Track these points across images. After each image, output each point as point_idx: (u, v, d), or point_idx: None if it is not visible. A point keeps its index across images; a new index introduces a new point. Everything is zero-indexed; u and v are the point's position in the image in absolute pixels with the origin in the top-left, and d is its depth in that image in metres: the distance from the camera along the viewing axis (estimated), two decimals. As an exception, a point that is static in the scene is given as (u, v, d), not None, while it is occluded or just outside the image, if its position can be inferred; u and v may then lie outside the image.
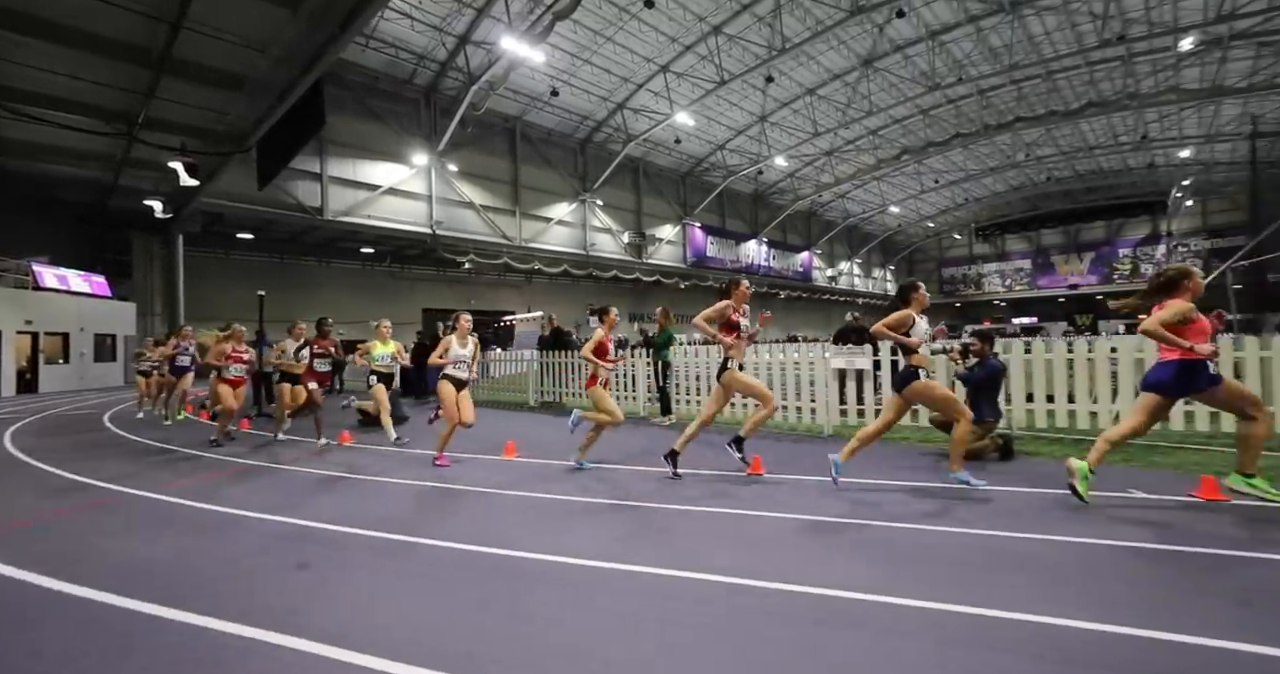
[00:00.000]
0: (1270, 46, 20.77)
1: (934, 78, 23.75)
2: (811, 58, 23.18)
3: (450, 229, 20.19)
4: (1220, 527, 3.07)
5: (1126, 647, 1.95)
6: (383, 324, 6.19)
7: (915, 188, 36.84)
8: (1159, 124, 29.05)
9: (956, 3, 20.32)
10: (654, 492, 4.36)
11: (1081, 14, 20.04)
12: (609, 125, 24.67)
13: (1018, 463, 4.75)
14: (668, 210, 29.97)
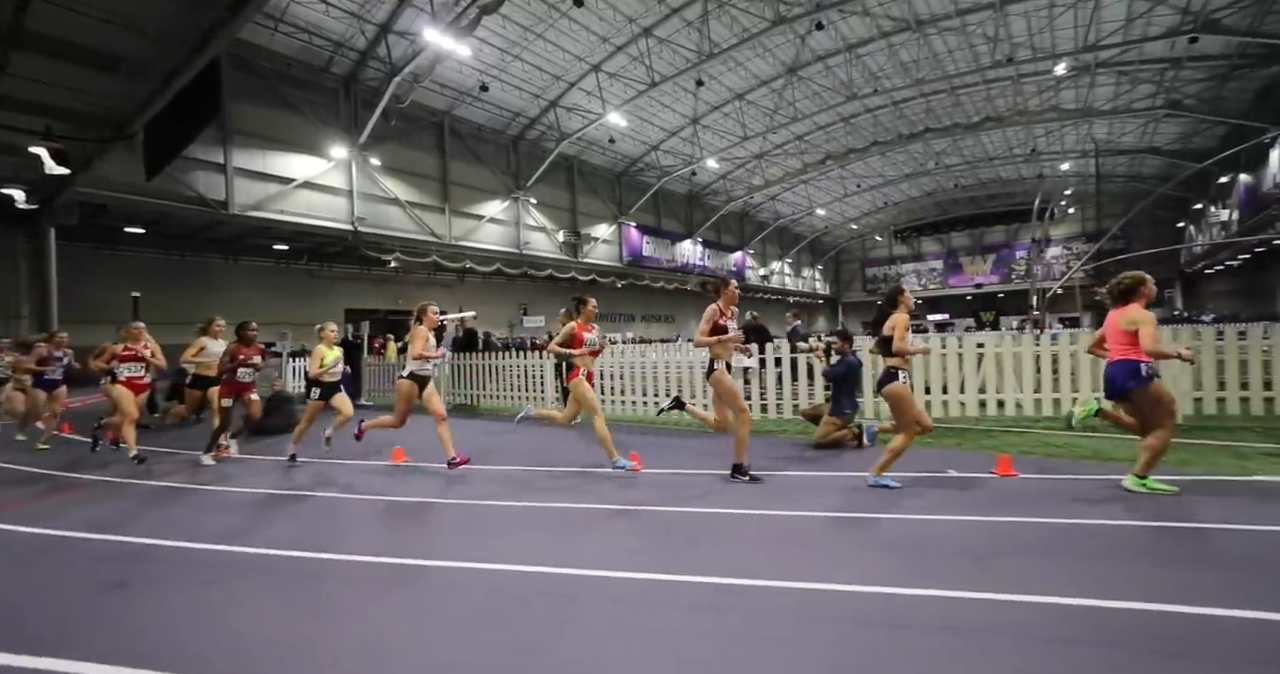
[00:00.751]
0: (1127, 75, 23.58)
1: (852, 88, 25.21)
2: (739, 64, 23.98)
3: (374, 226, 19.32)
4: (1014, 498, 3.59)
5: (942, 604, 2.27)
6: (328, 327, 5.75)
7: (839, 191, 38.88)
8: (1045, 139, 32.22)
9: (870, 19, 21.65)
10: (551, 491, 4.49)
11: (977, 36, 21.90)
12: (542, 123, 24.44)
13: (875, 450, 5.18)
14: (603, 210, 30.05)
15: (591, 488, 4.34)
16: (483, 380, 9.79)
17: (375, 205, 19.73)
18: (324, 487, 4.57)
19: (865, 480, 4.01)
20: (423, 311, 4.98)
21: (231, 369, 5.60)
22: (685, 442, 6.12)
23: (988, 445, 5.13)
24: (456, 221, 22.53)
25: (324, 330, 5.73)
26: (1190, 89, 23.79)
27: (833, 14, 20.60)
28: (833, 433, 5.40)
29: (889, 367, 3.89)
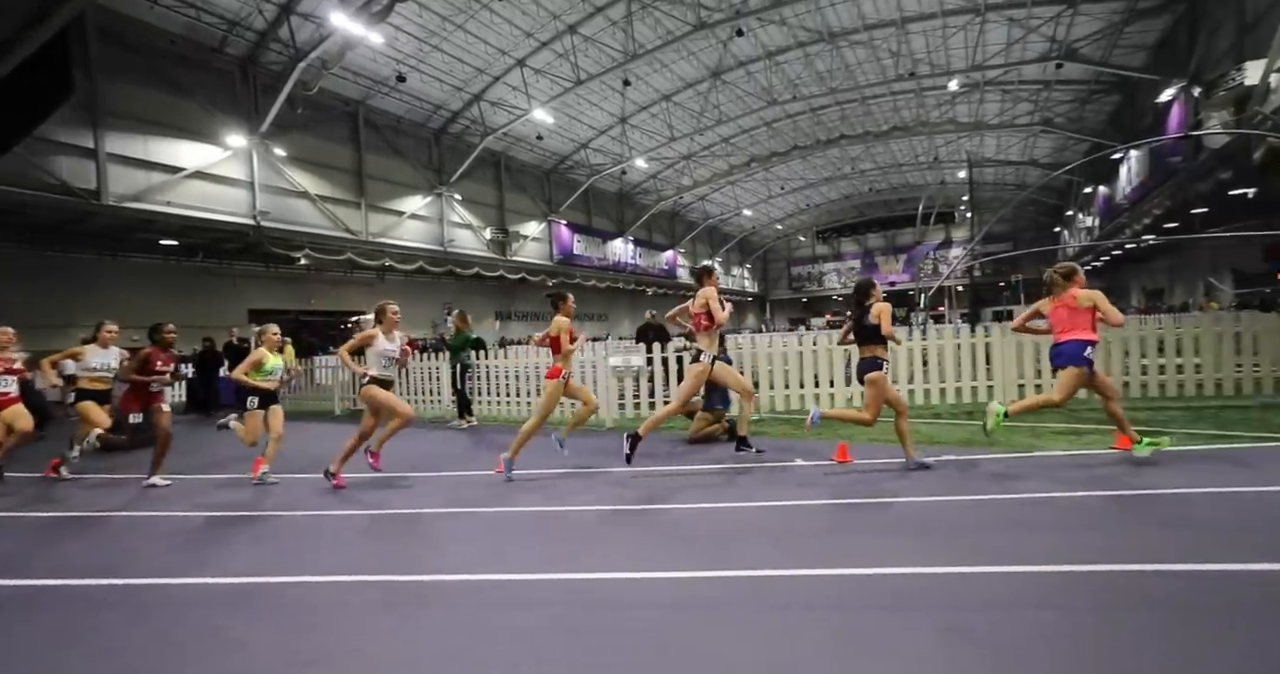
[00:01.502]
0: (1010, 94, 26.18)
1: (772, 93, 26.33)
2: (665, 65, 24.39)
3: (280, 221, 18.02)
4: (854, 482, 4.01)
5: (827, 581, 2.50)
6: (269, 330, 5.27)
7: (765, 193, 40.46)
8: (945, 148, 35.10)
9: (787, 29, 22.69)
10: (452, 497, 4.47)
11: (883, 50, 23.52)
12: (465, 117, 23.73)
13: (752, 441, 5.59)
14: (532, 207, 29.63)
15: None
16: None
17: (281, 198, 18.39)
18: (250, 507, 4.21)
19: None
20: (382, 312, 4.62)
21: (143, 378, 4.94)
22: (572, 441, 6.25)
23: (845, 435, 5.42)
24: (374, 217, 21.44)
25: (265, 333, 5.24)
26: (1060, 109, 26.76)
27: (752, 22, 21.40)
28: (704, 428, 5.64)
29: (872, 356, 4.09)
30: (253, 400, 5.04)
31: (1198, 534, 2.72)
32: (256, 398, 5.04)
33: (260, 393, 5.05)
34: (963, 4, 20.24)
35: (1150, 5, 18.49)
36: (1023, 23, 20.38)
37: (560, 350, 4.47)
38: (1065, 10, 19.20)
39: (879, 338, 4.08)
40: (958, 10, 20.61)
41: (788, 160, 34.01)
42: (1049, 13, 19.67)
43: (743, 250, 50.89)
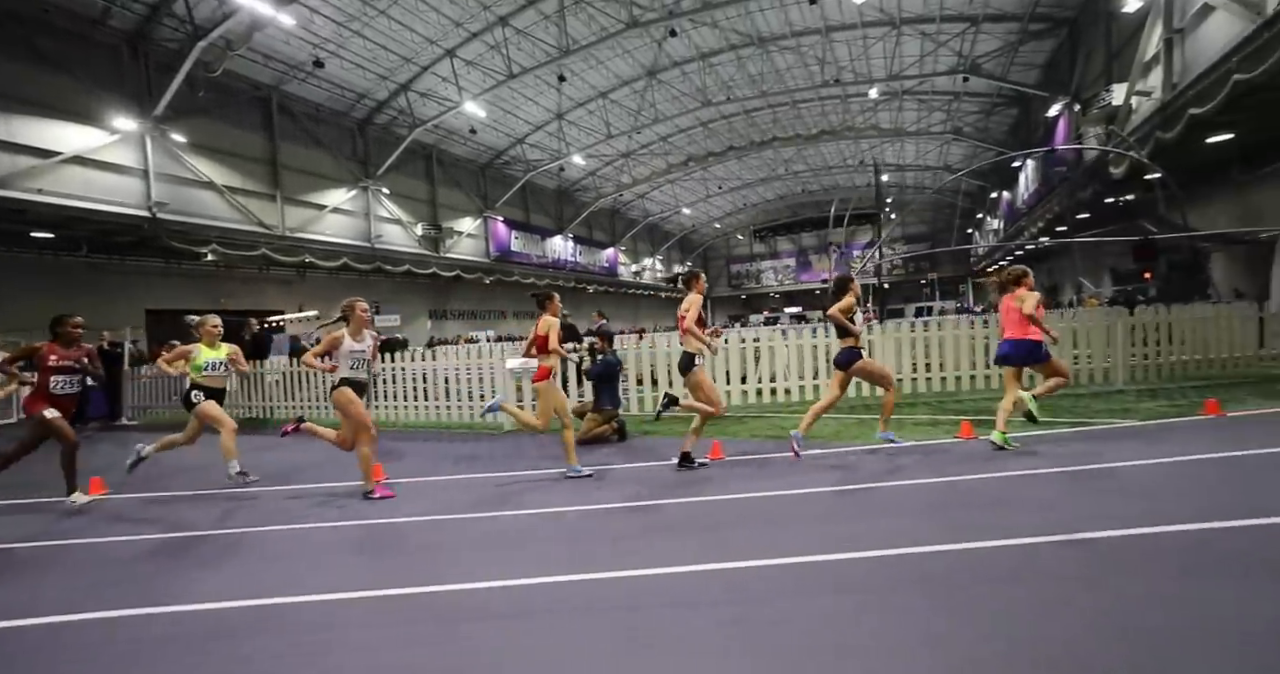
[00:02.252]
0: (925, 103, 28.01)
1: (706, 94, 26.85)
2: (601, 62, 24.34)
3: (181, 213, 16.58)
4: (733, 478, 4.13)
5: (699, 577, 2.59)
6: (209, 322, 4.87)
7: (703, 192, 41.23)
8: (870, 152, 37.05)
9: (719, 32, 23.21)
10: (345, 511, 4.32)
11: (810, 57, 24.52)
12: (392, 107, 22.72)
13: (631, 442, 5.70)
14: (467, 203, 28.80)
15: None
16: (268, 391, 8.86)
17: (182, 189, 16.92)
18: (220, 524, 3.75)
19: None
20: (350, 309, 4.23)
21: (45, 376, 4.31)
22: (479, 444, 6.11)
23: (728, 432, 5.65)
24: (292, 211, 20.14)
25: (204, 325, 4.83)
26: (968, 119, 28.89)
27: (685, 23, 21.73)
28: (594, 429, 5.61)
29: (850, 347, 4.43)
30: (198, 395, 4.78)
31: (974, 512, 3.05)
32: (200, 393, 4.79)
33: (205, 389, 4.81)
34: (880, 17, 21.41)
35: (1039, 28, 20.30)
36: (934, 37, 21.83)
37: (546, 350, 4.36)
38: (969, 28, 20.74)
39: (849, 331, 4.44)
40: (876, 23, 21.80)
41: (724, 160, 34.83)
42: (956, 29, 21.18)
43: (683, 248, 51.67)
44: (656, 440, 5.54)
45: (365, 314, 4.27)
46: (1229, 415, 4.79)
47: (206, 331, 4.84)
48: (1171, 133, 12.39)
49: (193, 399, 4.76)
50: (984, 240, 38.95)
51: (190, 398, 4.77)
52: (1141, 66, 14.25)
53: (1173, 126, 12.28)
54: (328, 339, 4.19)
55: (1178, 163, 18.37)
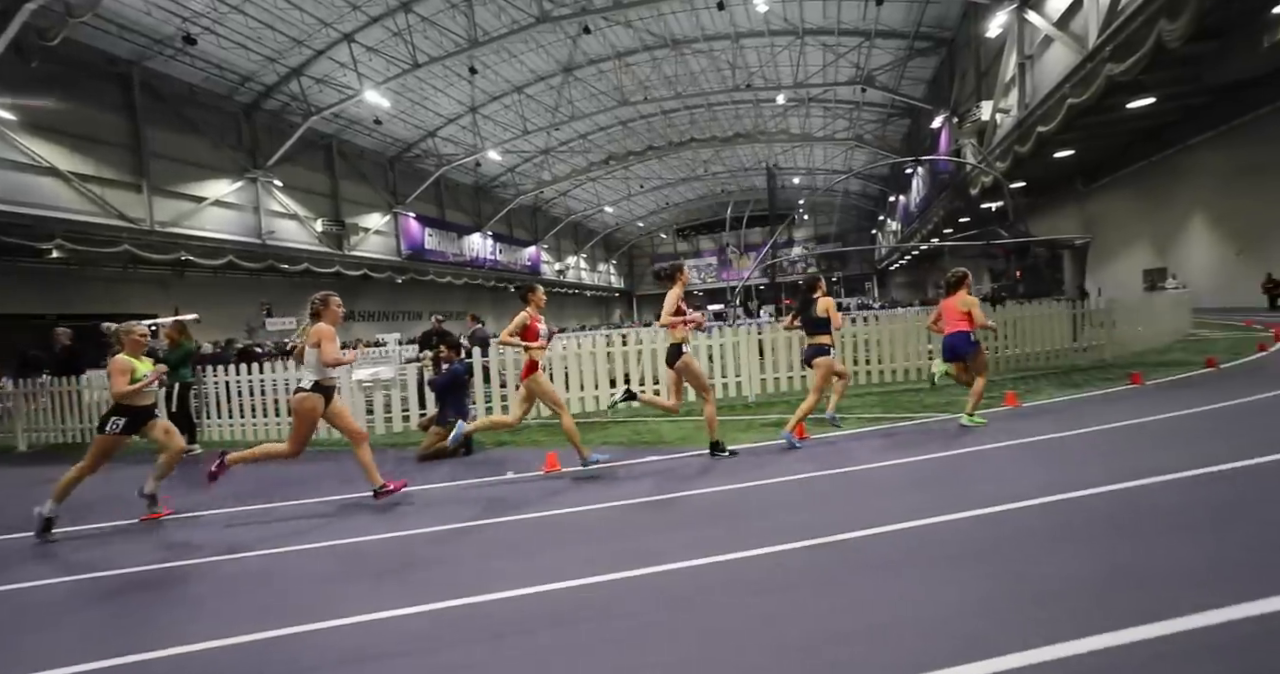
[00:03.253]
0: (830, 111, 29.74)
1: (623, 93, 26.98)
2: (515, 56, 23.76)
3: (15, 203, 14.36)
4: (575, 489, 3.94)
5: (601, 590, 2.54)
6: (136, 329, 4.12)
7: (625, 191, 41.42)
8: (783, 156, 38.83)
9: (633, 31, 23.38)
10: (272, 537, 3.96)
11: (722, 61, 25.27)
12: (283, 92, 20.96)
13: (479, 455, 5.31)
14: (375, 198, 27.20)
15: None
16: (80, 411, 7.77)
17: (16, 175, 14.69)
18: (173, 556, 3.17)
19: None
20: (325, 303, 3.88)
21: None
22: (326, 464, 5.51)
23: (542, 442, 5.52)
24: (164, 203, 18.09)
25: (130, 333, 4.04)
26: (868, 127, 30.97)
27: (599, 21, 21.67)
28: (436, 443, 5.17)
29: (821, 344, 4.56)
30: (117, 422, 3.83)
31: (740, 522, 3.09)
32: (123, 420, 3.85)
33: (132, 413, 3.89)
34: (785, 26, 22.45)
35: (924, 46, 22.13)
36: (834, 49, 23.18)
37: (532, 340, 4.26)
38: (864, 42, 22.20)
39: (825, 328, 4.55)
40: (782, 32, 22.83)
41: (644, 160, 35.16)
42: (853, 42, 22.60)
43: (608, 247, 51.73)
44: (507, 452, 5.24)
45: (340, 309, 3.95)
46: (1025, 405, 5.24)
47: (134, 341, 4.06)
48: (1026, 147, 13.93)
49: (110, 426, 3.83)
50: (885, 241, 41.98)
51: (109, 424, 3.84)
52: (1003, 87, 15.92)
53: (1026, 142, 13.80)
54: (316, 331, 3.73)
55: (1034, 174, 20.75)
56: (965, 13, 18.40)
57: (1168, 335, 9.03)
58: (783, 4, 20.94)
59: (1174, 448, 3.58)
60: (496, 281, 35.84)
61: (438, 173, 28.95)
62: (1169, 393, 5.31)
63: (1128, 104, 12.52)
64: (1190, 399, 4.87)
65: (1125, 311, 8.43)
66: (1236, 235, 15.31)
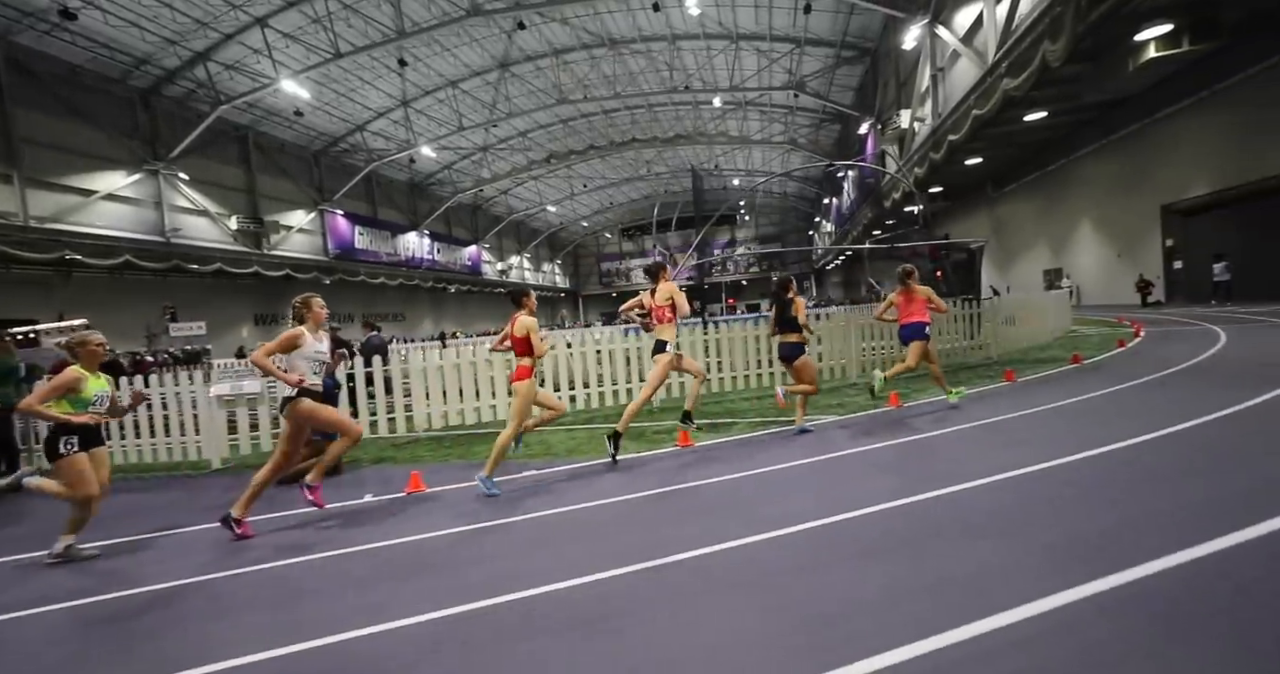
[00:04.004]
0: (766, 115, 30.59)
1: (562, 91, 26.66)
2: (448, 49, 23.00)
3: None
4: (428, 513, 3.65)
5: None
6: (91, 339, 3.55)
7: (568, 190, 41.03)
8: (724, 157, 39.61)
9: (570, 29, 23.16)
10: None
11: (660, 62, 25.46)
12: (187, 78, 19.35)
13: (351, 474, 4.89)
14: (298, 194, 25.62)
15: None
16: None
17: None
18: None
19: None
20: (306, 306, 3.70)
21: None
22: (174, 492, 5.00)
23: (444, 455, 5.31)
24: (42, 196, 16.28)
25: (84, 344, 3.51)
26: (803, 131, 32.08)
27: (534, 16, 21.32)
28: (301, 464, 4.56)
29: (796, 341, 4.76)
30: (69, 442, 3.37)
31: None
32: (75, 438, 3.39)
33: (78, 430, 3.41)
34: (720, 30, 22.86)
35: (850, 55, 23.14)
36: (768, 54, 23.83)
37: (526, 351, 4.11)
38: (795, 49, 22.95)
39: (798, 327, 4.78)
40: (717, 35, 23.24)
41: (586, 159, 34.94)
42: (785, 48, 23.31)
43: (552, 246, 51.11)
44: (380, 471, 4.84)
45: (323, 311, 3.78)
46: (906, 405, 5.47)
47: (89, 352, 3.54)
48: (939, 154, 14.80)
49: (62, 447, 3.38)
50: (821, 242, 43.65)
51: (60, 445, 3.38)
52: (919, 97, 16.88)
53: (939, 149, 14.67)
54: (287, 336, 3.53)
55: (949, 180, 22.12)
56: (885, 25, 19.36)
57: (1049, 333, 9.74)
58: (717, 8, 21.33)
59: (1015, 448, 3.73)
60: (435, 282, 34.63)
61: (367, 168, 27.63)
62: (1033, 390, 5.63)
63: (1025, 117, 13.57)
64: (1048, 395, 5.25)
65: (1011, 310, 9.07)
66: (1117, 239, 16.91)
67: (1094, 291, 18.44)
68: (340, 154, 27.55)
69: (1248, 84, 11.64)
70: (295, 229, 25.10)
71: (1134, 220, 15.74)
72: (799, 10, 19.87)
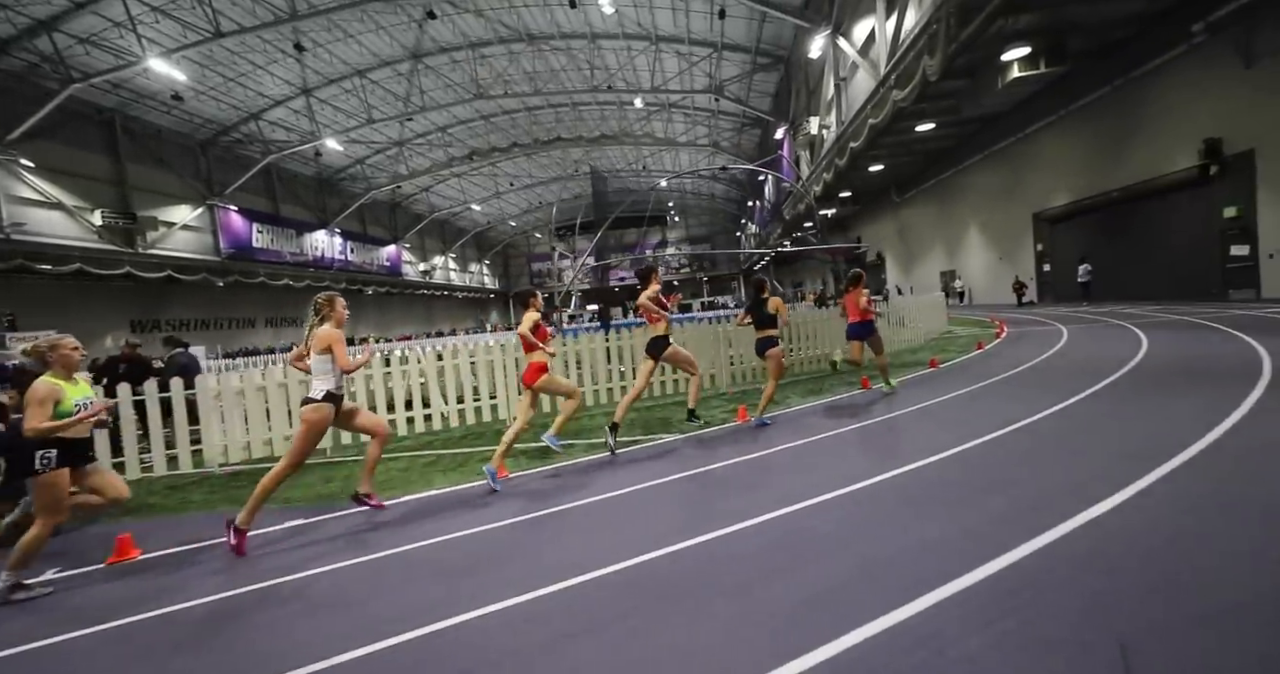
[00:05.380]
0: (690, 118, 30.97)
1: (481, 86, 25.72)
2: (351, 35, 21.53)
3: None
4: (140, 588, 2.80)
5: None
6: (65, 342, 3.11)
7: (494, 188, 39.83)
8: (651, 159, 39.81)
9: (486, 21, 22.32)
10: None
11: (582, 60, 25.10)
12: (28, 49, 16.91)
13: (65, 536, 3.70)
14: (181, 187, 23.17)
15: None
16: None
17: None
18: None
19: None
20: (331, 305, 3.57)
21: None
22: None
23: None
24: None
25: (58, 347, 3.08)
26: (725, 135, 32.77)
27: (446, 6, 20.39)
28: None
29: (770, 336, 5.14)
30: (45, 456, 2.91)
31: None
32: (54, 452, 2.94)
33: (61, 445, 2.95)
34: (639, 31, 22.82)
35: (765, 62, 23.79)
36: (688, 57, 24.05)
37: (534, 348, 4.24)
38: (714, 53, 23.31)
39: (773, 322, 5.18)
40: (637, 36, 23.18)
41: (511, 157, 33.98)
42: (704, 52, 23.62)
43: (480, 246, 49.51)
44: (121, 527, 3.55)
45: (345, 311, 3.65)
46: (752, 419, 5.09)
47: (63, 356, 3.09)
48: (843, 161, 15.41)
49: (38, 462, 2.89)
50: (748, 243, 44.88)
51: (36, 460, 2.89)
52: (826, 104, 17.54)
53: (843, 156, 15.27)
54: (324, 336, 3.39)
55: (856, 186, 23.26)
56: (796, 34, 20.01)
57: (924, 335, 10.21)
58: (635, 9, 21.25)
59: (817, 470, 3.53)
60: (348, 284, 32.52)
61: (265, 161, 25.42)
62: (880, 399, 5.59)
63: (916, 128, 14.39)
64: (889, 405, 5.21)
65: (891, 313, 9.44)
66: (998, 243, 18.41)
67: (983, 292, 19.96)
68: (233, 145, 25.18)
69: (1097, 104, 12.92)
70: (179, 226, 22.67)
71: (1011, 226, 17.14)
72: (714, 15, 20.18)
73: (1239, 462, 2.91)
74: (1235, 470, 2.80)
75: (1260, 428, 3.38)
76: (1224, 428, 3.42)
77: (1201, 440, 3.23)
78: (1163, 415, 3.88)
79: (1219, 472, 2.80)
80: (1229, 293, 11.21)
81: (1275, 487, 2.56)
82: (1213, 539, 2.16)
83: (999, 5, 7.87)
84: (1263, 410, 3.70)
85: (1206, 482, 2.69)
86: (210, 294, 25.05)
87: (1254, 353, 5.65)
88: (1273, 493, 2.50)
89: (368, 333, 35.18)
